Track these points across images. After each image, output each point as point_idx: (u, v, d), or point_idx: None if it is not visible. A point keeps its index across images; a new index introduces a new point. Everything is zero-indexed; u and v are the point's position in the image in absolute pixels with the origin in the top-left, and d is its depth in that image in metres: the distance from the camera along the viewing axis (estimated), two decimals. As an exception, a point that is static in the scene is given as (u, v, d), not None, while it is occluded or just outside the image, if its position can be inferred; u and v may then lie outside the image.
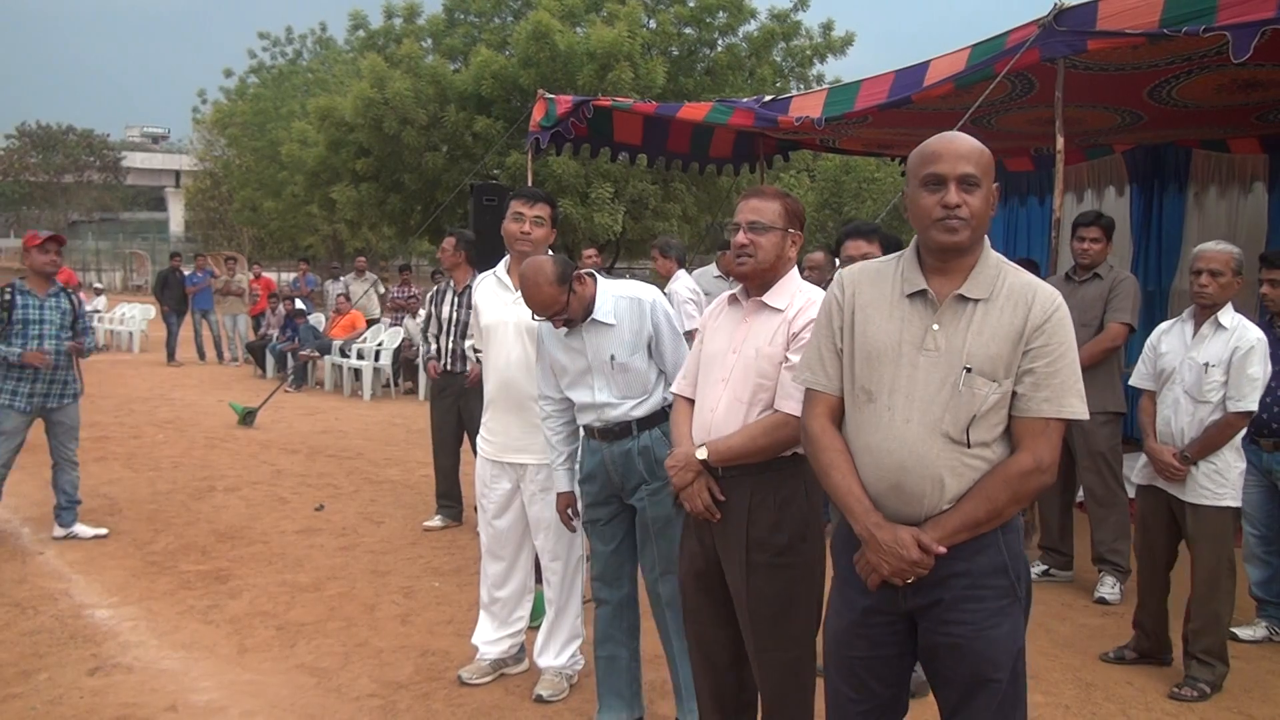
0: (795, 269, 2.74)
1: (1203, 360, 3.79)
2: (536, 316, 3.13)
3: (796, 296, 2.68)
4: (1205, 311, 3.86)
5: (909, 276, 2.18)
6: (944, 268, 2.15)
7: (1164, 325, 4.08)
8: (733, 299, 2.80)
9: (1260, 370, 3.73)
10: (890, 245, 4.68)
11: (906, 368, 2.12)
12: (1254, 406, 3.73)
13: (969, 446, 2.09)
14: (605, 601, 3.30)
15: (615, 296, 3.14)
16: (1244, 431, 3.83)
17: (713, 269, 7.23)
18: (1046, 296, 2.12)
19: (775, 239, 2.64)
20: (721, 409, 2.65)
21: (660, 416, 3.14)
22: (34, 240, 5.58)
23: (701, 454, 2.62)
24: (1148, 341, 4.10)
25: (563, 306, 3.07)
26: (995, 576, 2.12)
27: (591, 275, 3.18)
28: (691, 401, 2.80)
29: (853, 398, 2.21)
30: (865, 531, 2.14)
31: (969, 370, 2.07)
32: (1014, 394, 2.10)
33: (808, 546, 2.62)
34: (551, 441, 3.36)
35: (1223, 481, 3.76)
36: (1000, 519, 2.10)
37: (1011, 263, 2.20)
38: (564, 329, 3.17)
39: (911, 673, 2.32)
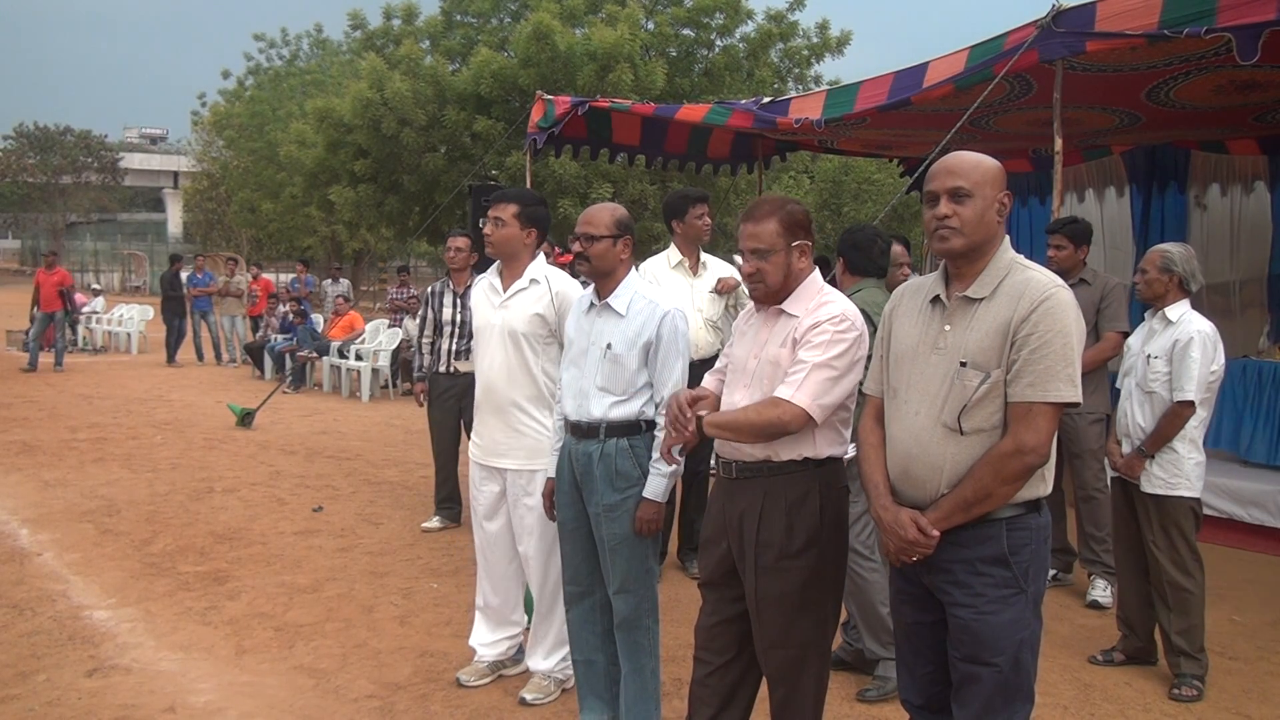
0: (817, 272, 2.73)
1: (1148, 352, 3.94)
2: (578, 233, 3.17)
3: (813, 302, 2.66)
4: (1152, 307, 4.03)
5: (934, 284, 2.39)
6: (960, 273, 2.35)
7: (1140, 325, 4.19)
8: (758, 304, 2.82)
9: (1198, 359, 3.77)
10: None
11: (921, 365, 2.37)
12: (1192, 396, 3.78)
13: (963, 434, 2.28)
14: (575, 605, 3.29)
15: (637, 293, 3.16)
16: (1201, 424, 3.87)
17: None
18: (1037, 289, 2.24)
19: (779, 260, 2.65)
20: None
21: (633, 429, 3.11)
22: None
23: (702, 410, 2.71)
24: (1126, 343, 4.26)
25: (598, 243, 3.13)
26: (995, 566, 2.29)
27: (635, 265, 3.23)
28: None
29: (885, 395, 2.48)
30: (875, 513, 2.42)
31: (963, 364, 2.29)
32: (1006, 381, 2.25)
33: (819, 550, 2.62)
34: (556, 425, 3.37)
35: (1177, 472, 3.86)
36: (992, 499, 2.26)
37: (1029, 262, 2.33)
38: (590, 300, 3.21)
39: None
